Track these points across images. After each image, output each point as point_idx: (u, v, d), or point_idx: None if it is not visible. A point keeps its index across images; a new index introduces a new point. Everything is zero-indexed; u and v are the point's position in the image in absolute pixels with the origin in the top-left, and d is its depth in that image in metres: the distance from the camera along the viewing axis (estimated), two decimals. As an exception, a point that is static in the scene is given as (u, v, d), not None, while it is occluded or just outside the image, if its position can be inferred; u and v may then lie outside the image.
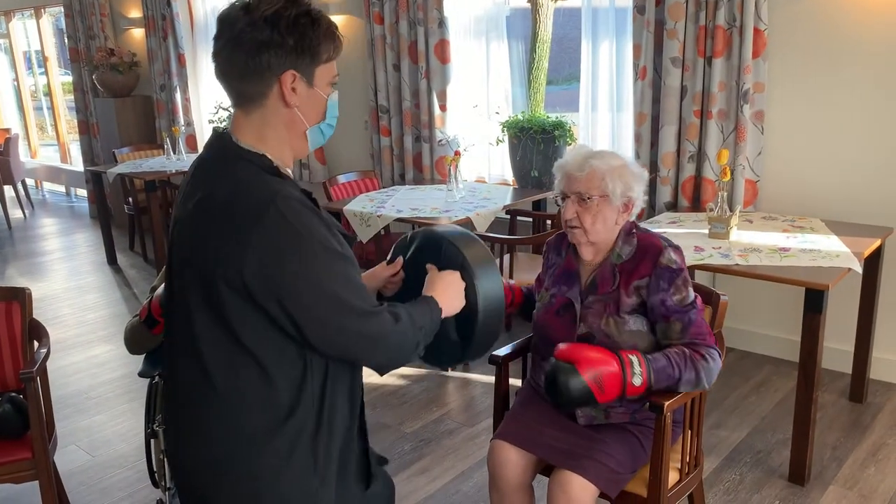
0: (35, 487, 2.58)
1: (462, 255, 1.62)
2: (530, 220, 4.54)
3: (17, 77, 9.78)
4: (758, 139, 3.73)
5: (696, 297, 2.05)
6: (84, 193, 8.54)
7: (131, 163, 6.06)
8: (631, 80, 4.08)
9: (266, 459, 1.43)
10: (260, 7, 1.36)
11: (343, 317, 1.38)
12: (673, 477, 2.12)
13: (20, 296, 2.65)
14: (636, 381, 1.93)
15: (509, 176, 4.86)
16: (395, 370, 2.24)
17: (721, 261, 2.90)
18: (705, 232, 3.26)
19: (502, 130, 4.68)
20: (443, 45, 4.78)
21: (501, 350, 2.37)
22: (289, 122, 1.45)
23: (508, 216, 4.48)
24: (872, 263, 3.25)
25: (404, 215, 3.88)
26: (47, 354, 2.55)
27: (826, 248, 3.01)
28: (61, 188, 9.50)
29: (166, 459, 2.02)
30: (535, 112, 4.93)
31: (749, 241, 3.16)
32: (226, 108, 6.21)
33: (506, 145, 4.69)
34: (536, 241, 3.76)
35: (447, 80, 4.84)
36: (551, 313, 2.17)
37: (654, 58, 3.90)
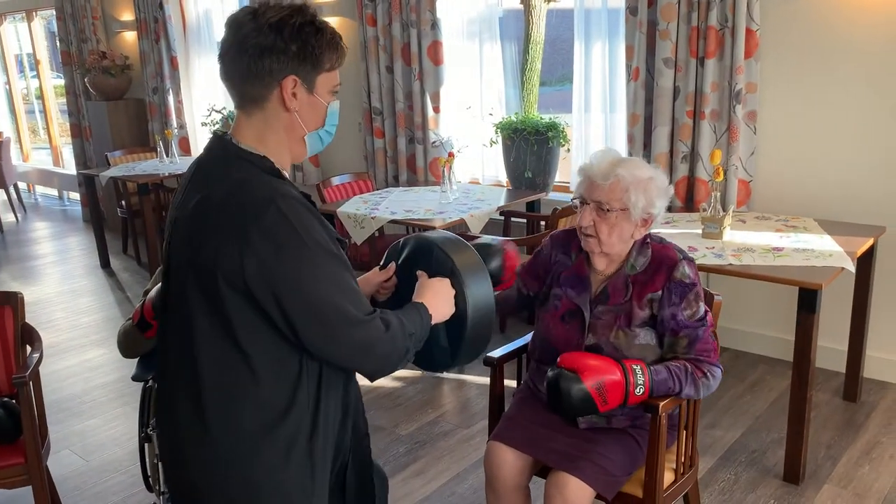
0: (28, 493, 2.57)
1: (452, 261, 1.63)
2: (524, 221, 4.54)
3: (8, 80, 9.72)
4: (750, 139, 3.74)
5: (706, 312, 2.04)
6: (77, 197, 8.51)
7: (124, 166, 6.03)
8: (624, 81, 4.08)
9: (263, 459, 1.43)
10: (267, 14, 1.40)
11: (336, 324, 1.39)
12: (668, 477, 2.13)
13: (12, 300, 2.65)
14: (638, 391, 1.93)
15: (503, 177, 4.87)
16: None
17: (714, 261, 2.91)
18: (699, 232, 3.26)
19: (496, 132, 4.69)
20: (436, 47, 4.78)
21: (496, 352, 2.36)
22: (288, 126, 1.47)
23: (502, 217, 4.48)
24: (865, 262, 3.26)
25: (398, 217, 3.87)
26: (40, 359, 2.54)
27: (819, 248, 3.02)
28: (54, 192, 9.46)
29: (160, 463, 2.01)
30: (528, 113, 4.93)
31: (742, 240, 3.16)
32: (218, 111, 6.20)
33: (499, 147, 4.69)
34: (530, 243, 3.76)
35: (440, 82, 4.84)
36: (556, 318, 2.14)
37: (646, 59, 3.90)
